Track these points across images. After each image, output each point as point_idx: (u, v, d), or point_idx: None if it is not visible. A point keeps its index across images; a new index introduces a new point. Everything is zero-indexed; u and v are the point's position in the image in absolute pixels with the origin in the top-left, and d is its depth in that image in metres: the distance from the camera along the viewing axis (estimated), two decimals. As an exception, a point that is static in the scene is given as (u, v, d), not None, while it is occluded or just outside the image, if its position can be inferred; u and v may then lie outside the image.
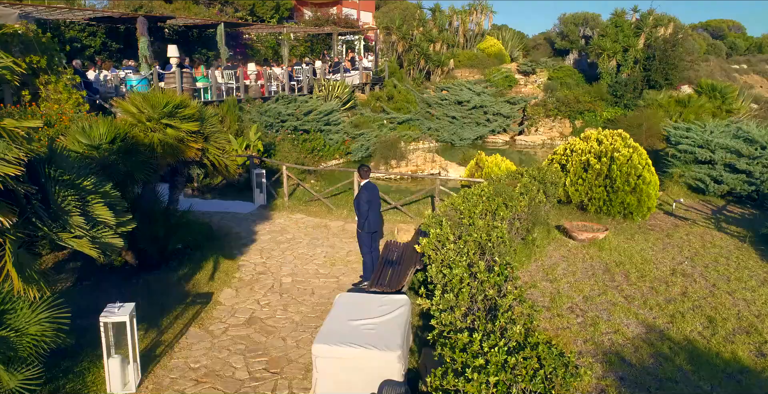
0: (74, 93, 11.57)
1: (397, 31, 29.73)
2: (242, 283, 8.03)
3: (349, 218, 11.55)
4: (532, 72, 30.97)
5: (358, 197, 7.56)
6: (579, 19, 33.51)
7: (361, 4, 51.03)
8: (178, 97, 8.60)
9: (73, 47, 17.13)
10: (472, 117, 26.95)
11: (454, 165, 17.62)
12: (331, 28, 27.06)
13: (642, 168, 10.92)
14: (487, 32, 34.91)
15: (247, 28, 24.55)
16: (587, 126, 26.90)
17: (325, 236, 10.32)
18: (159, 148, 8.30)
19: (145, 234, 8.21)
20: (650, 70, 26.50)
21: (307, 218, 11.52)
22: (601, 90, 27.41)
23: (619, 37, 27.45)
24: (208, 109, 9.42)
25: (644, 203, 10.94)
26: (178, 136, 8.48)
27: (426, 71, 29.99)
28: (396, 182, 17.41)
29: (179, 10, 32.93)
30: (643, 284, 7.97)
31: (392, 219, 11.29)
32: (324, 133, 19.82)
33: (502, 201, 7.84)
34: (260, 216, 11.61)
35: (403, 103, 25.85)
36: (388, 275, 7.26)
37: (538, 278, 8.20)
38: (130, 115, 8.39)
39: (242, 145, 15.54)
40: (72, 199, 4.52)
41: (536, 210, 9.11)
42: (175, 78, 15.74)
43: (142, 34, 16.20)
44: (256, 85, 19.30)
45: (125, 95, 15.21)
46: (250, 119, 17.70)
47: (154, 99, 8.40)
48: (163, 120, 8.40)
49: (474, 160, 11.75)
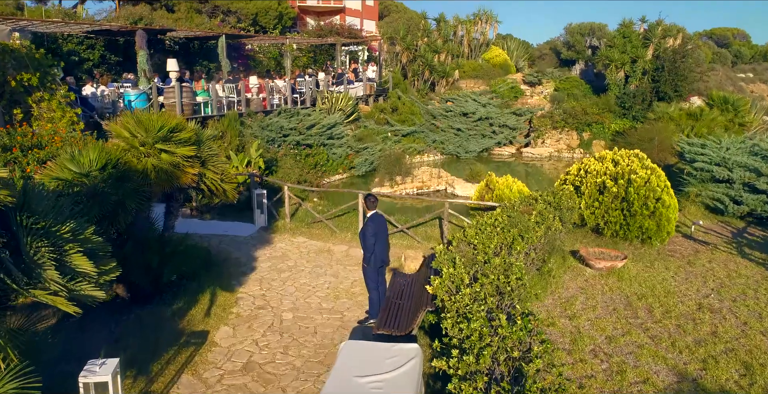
0: (68, 111, 11.13)
1: (401, 41, 29.36)
2: (240, 319, 7.52)
3: (353, 241, 11.05)
4: (538, 83, 30.54)
5: (363, 229, 7.06)
6: (585, 29, 33.12)
7: (364, 13, 50.85)
8: (174, 120, 8.14)
9: (71, 60, 16.74)
10: (478, 129, 26.50)
11: (461, 181, 17.12)
12: (335, 39, 26.69)
13: (661, 191, 10.40)
14: (492, 42, 34.54)
15: (249, 40, 24.17)
16: (595, 138, 26.46)
17: (328, 263, 9.81)
18: (153, 175, 7.83)
19: (137, 265, 7.74)
20: (659, 81, 26.03)
21: (310, 242, 11.02)
22: (608, 101, 26.95)
23: (627, 48, 27.01)
24: (205, 131, 8.97)
25: (663, 228, 10.41)
26: (173, 161, 8.02)
27: (430, 82, 29.57)
28: (401, 200, 16.92)
29: (181, 20, 32.68)
30: (668, 322, 7.43)
31: (398, 243, 10.78)
32: (327, 148, 19.38)
33: (517, 232, 7.34)
34: (260, 240, 11.11)
35: (407, 115, 25.42)
36: (397, 315, 6.75)
37: (555, 314, 7.67)
38: (122, 139, 7.93)
39: (243, 161, 15.09)
40: (46, 250, 4.04)
41: (552, 239, 8.60)
42: (174, 93, 15.31)
43: (141, 48, 15.79)
44: (258, 98, 18.88)
45: (122, 111, 14.79)
46: (252, 134, 17.26)
47: (148, 122, 7.94)
48: (157, 145, 7.94)
49: (484, 181, 11.25)
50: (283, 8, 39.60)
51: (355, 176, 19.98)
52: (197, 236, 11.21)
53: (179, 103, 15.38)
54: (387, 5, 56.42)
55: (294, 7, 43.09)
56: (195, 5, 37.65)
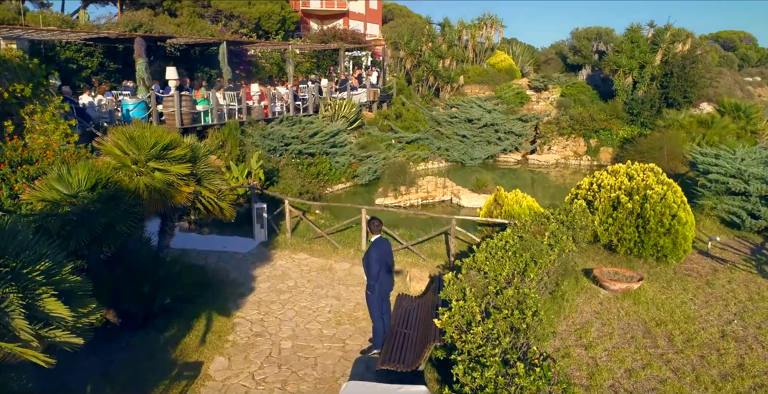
0: (62, 123, 10.76)
1: (405, 46, 28.96)
2: (236, 348, 7.11)
3: (356, 258, 10.64)
4: (544, 88, 30.08)
5: (367, 256, 6.64)
6: (592, 33, 32.67)
7: (368, 17, 50.58)
8: (168, 136, 7.75)
9: (69, 68, 16.41)
10: (483, 135, 26.07)
11: (466, 191, 16.70)
12: (338, 44, 26.33)
13: (677, 207, 9.96)
14: (497, 46, 34.10)
15: (252, 45, 23.81)
16: (602, 145, 26.00)
17: (329, 283, 9.40)
18: (145, 195, 7.44)
19: (128, 291, 7.36)
20: (668, 87, 25.56)
21: (311, 259, 10.61)
22: (616, 107, 26.48)
23: (636, 53, 26.55)
24: (201, 146, 8.58)
25: (680, 246, 9.97)
26: (167, 179, 7.63)
27: (435, 88, 29.16)
28: (405, 210, 16.49)
29: (183, 25, 32.38)
30: (691, 352, 6.99)
31: (403, 261, 10.37)
32: (330, 156, 18.99)
33: (530, 257, 6.91)
34: (260, 256, 10.71)
35: (411, 121, 25.01)
36: (403, 347, 6.33)
37: (570, 342, 7.24)
38: (113, 157, 7.54)
39: (243, 172, 14.71)
40: (15, 297, 3.64)
41: (566, 260, 8.18)
42: (173, 101, 14.95)
43: (139, 56, 15.44)
44: (260, 106, 18.51)
45: (120, 121, 14.44)
46: (253, 143, 16.89)
47: (140, 139, 7.55)
48: (150, 163, 7.55)
49: (492, 196, 10.82)
50: (286, 12, 39.33)
51: (359, 185, 19.58)
52: (195, 252, 10.84)
53: (178, 113, 15.02)
54: (391, 9, 56.17)
55: (297, 11, 42.85)
56: (197, 10, 37.38)
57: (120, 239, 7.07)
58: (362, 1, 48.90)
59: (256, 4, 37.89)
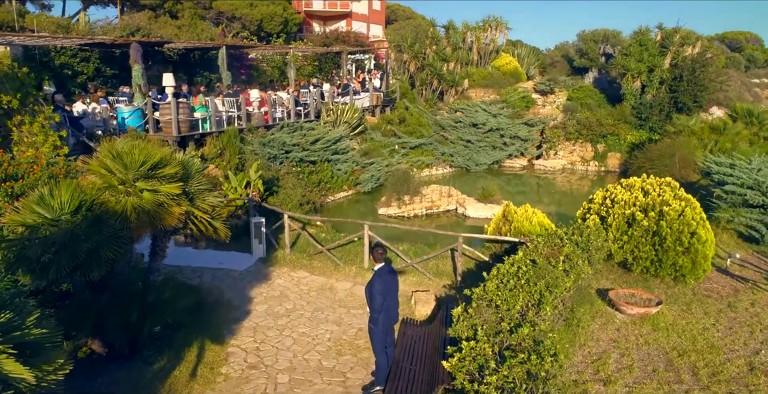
0: (51, 135, 10.32)
1: (409, 49, 28.47)
2: (229, 383, 6.63)
3: (358, 276, 10.18)
4: (550, 92, 29.54)
5: (370, 287, 6.15)
6: (599, 35, 32.14)
7: (371, 18, 50.15)
8: (158, 153, 7.27)
9: (64, 74, 15.98)
10: (488, 140, 25.55)
11: (472, 201, 16.20)
12: (341, 47, 25.86)
13: (696, 224, 9.45)
14: (502, 49, 33.59)
15: (252, 49, 23.35)
16: (610, 150, 25.46)
17: (330, 305, 8.93)
18: (133, 217, 6.97)
19: (114, 320, 6.89)
20: (677, 91, 25.01)
21: (311, 278, 10.13)
22: (624, 112, 25.95)
23: (644, 57, 26.00)
24: (194, 163, 8.10)
25: (699, 266, 9.46)
26: (157, 200, 7.16)
27: (439, 91, 28.66)
28: (409, 222, 16.01)
29: (184, 27, 31.99)
30: (718, 388, 6.49)
31: (407, 280, 9.89)
32: (331, 164, 18.52)
33: (545, 286, 6.42)
34: (257, 274, 10.24)
35: (415, 126, 24.53)
36: (407, 386, 5.84)
37: (587, 375, 6.75)
38: (99, 176, 7.07)
39: (242, 182, 14.25)
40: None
41: (582, 286, 7.68)
42: (170, 109, 14.49)
43: (135, 62, 14.99)
44: (260, 112, 18.04)
45: (114, 130, 13.98)
46: (252, 151, 16.42)
47: (128, 157, 7.08)
48: (138, 183, 7.08)
49: (501, 212, 10.33)
50: (288, 14, 38.94)
51: (361, 193, 19.10)
52: (189, 270, 10.39)
53: (175, 121, 14.56)
54: (394, 9, 55.72)
55: (300, 12, 42.46)
56: (199, 11, 37.01)
57: (105, 266, 6.60)
58: (365, 2, 48.53)
59: (258, 6, 37.50)
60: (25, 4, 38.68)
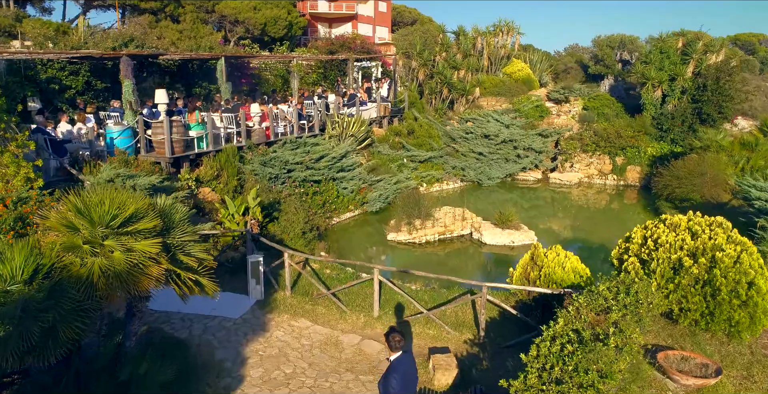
0: (24, 166, 9.22)
1: (418, 56, 27.30)
2: None
3: (366, 328, 9.04)
4: (564, 100, 28.33)
5: (386, 381, 4.99)
6: (615, 41, 30.88)
7: (377, 20, 49.07)
8: (132, 204, 6.14)
9: (50, 89, 14.89)
10: (501, 153, 24.37)
11: (489, 226, 15.02)
12: (347, 55, 24.68)
13: (755, 273, 8.25)
14: (514, 55, 32.37)
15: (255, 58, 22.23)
16: (630, 163, 24.24)
17: (335, 368, 7.78)
18: (102, 282, 5.84)
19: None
20: (700, 101, 23.76)
21: (313, 328, 8.99)
22: (644, 123, 24.72)
23: (665, 65, 24.76)
24: (177, 210, 6.94)
25: (758, 321, 8.25)
26: (130, 260, 6.02)
27: (449, 100, 27.47)
28: (420, 247, 14.87)
29: (186, 31, 30.91)
30: None
31: (423, 333, 8.75)
32: (337, 182, 17.38)
33: (597, 375, 5.26)
34: (254, 325, 9.10)
35: (424, 138, 23.37)
36: None
37: None
38: (61, 234, 5.95)
39: (240, 208, 13.12)
40: None
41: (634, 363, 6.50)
42: (163, 128, 13.38)
43: (126, 77, 13.89)
44: (261, 128, 16.91)
45: (102, 152, 12.89)
46: (252, 171, 15.29)
47: (96, 210, 5.95)
48: (108, 241, 5.96)
49: (529, 254, 9.16)
50: (293, 17, 37.84)
51: (368, 213, 17.96)
52: (178, 317, 9.27)
53: (168, 141, 13.45)
54: (400, 11, 54.63)
55: (305, 15, 41.43)
56: (201, 15, 35.97)
57: (66, 346, 5.48)
58: (371, 4, 47.53)
59: (261, 10, 36.42)
60: (26, 7, 37.78)
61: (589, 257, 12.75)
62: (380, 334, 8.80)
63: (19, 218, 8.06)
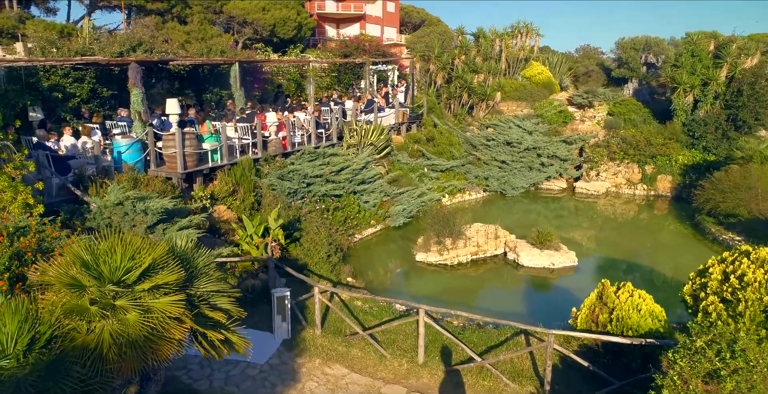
0: (22, 191, 8.15)
1: (436, 60, 26.16)
2: None
3: (411, 376, 7.94)
4: (588, 105, 27.17)
5: None
6: (639, 43, 29.68)
7: (385, 20, 48.05)
8: (148, 251, 5.05)
9: (53, 98, 13.82)
10: (525, 161, 23.22)
11: (525, 245, 13.88)
12: (363, 58, 23.57)
13: None
14: (533, 57, 31.21)
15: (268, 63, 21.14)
16: (660, 172, 23.06)
17: (381, 432, 6.68)
18: (113, 352, 4.76)
19: None
20: (734, 107, 22.58)
21: (350, 377, 7.89)
22: (675, 129, 23.54)
23: (697, 69, 23.56)
24: (199, 255, 5.85)
25: None
26: (147, 321, 4.94)
27: (469, 105, 26.34)
28: (452, 269, 13.76)
29: (194, 32, 29.85)
30: None
31: (476, 384, 7.64)
32: (358, 195, 16.28)
33: None
34: (283, 373, 8.00)
35: (445, 145, 22.24)
36: None
37: None
38: (62, 293, 4.86)
39: (259, 229, 12.00)
40: None
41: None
42: (174, 141, 12.32)
43: (134, 85, 12.83)
44: (277, 138, 15.83)
45: (108, 168, 11.81)
46: (270, 185, 14.20)
47: (105, 262, 4.87)
48: (120, 301, 4.87)
49: (595, 293, 8.04)
50: (302, 18, 36.82)
51: (391, 228, 16.86)
52: (197, 363, 8.20)
53: (180, 155, 12.39)
54: (408, 11, 53.65)
55: (312, 15, 40.44)
56: (209, 16, 34.96)
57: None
58: (379, 4, 46.60)
59: (270, 10, 35.43)
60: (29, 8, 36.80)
61: (642, 284, 11.63)
62: (428, 385, 7.72)
63: (15, 254, 6.97)
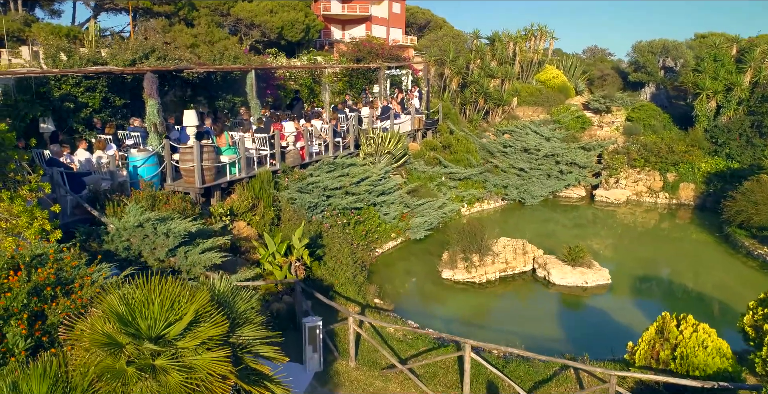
0: (38, 215, 7.60)
1: (451, 64, 25.59)
2: None
3: (457, 416, 7.37)
4: (606, 110, 26.61)
5: None
6: (657, 47, 29.09)
7: (391, 21, 47.57)
8: (189, 301, 4.50)
9: (65, 108, 13.28)
10: (543, 168, 22.63)
11: (555, 262, 13.32)
12: (378, 63, 23.01)
13: None
14: (547, 61, 30.64)
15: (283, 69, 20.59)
16: (682, 180, 22.48)
17: None
18: (151, 417, 4.21)
19: None
20: (759, 113, 22.02)
21: (392, 417, 7.34)
22: (697, 136, 22.95)
23: (720, 73, 22.97)
24: (241, 297, 5.31)
25: None
26: (190, 383, 4.39)
27: (485, 111, 25.77)
28: (481, 287, 13.20)
29: (201, 35, 29.36)
30: None
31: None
32: (377, 207, 15.72)
33: None
34: (318, 412, 7.46)
35: (462, 153, 21.68)
36: None
37: None
38: (93, 352, 4.31)
39: (281, 247, 11.42)
40: None
41: None
42: (192, 154, 11.77)
43: (150, 96, 12.30)
44: (295, 149, 15.28)
45: (123, 184, 11.26)
46: (289, 199, 13.66)
47: (142, 316, 4.31)
48: (160, 360, 4.31)
49: (655, 327, 7.47)
50: (310, 20, 36.36)
51: (412, 241, 16.31)
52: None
53: (198, 169, 11.84)
54: (413, 12, 53.18)
55: (318, 16, 39.99)
56: (216, 19, 34.47)
57: None
58: (385, 5, 46.19)
59: (278, 13, 34.94)
60: (34, 9, 36.32)
61: (683, 306, 11.07)
62: (476, 427, 7.15)
63: (33, 289, 6.42)
